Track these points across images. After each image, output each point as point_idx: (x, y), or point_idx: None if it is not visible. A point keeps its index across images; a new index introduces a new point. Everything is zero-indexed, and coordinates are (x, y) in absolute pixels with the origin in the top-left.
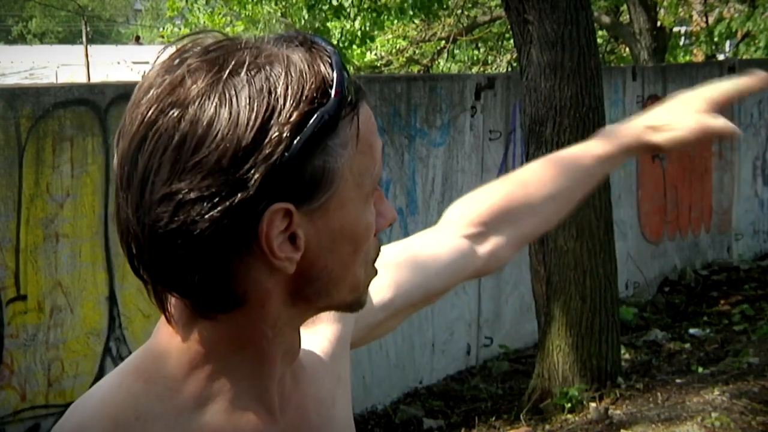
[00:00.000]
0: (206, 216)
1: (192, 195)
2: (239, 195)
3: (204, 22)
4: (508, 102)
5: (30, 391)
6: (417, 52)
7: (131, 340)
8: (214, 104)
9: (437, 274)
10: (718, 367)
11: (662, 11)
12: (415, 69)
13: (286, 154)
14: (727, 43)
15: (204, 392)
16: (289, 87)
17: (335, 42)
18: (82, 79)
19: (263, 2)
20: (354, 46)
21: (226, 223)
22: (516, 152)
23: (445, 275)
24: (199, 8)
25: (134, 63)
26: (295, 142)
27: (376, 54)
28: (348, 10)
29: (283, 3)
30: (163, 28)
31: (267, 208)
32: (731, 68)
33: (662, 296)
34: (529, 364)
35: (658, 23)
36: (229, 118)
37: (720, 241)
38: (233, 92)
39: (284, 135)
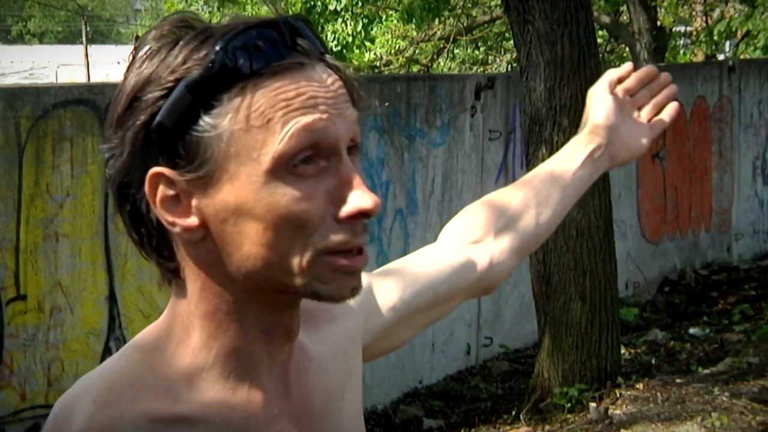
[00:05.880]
0: (112, 171)
1: (105, 151)
2: (125, 153)
3: None
4: (508, 102)
5: (30, 391)
6: (417, 52)
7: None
8: (129, 73)
9: (441, 277)
10: (718, 367)
11: (662, 11)
12: (415, 69)
13: (155, 118)
14: (727, 43)
15: (192, 366)
16: (175, 57)
17: (331, 44)
18: (82, 79)
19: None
20: (351, 51)
21: (126, 181)
22: (516, 152)
23: (450, 280)
24: (198, 9)
25: None
26: (162, 108)
27: (375, 54)
28: (343, 14)
29: (282, 3)
30: None
31: (148, 170)
32: (731, 68)
33: (662, 296)
34: (529, 364)
35: (658, 23)
36: (124, 84)
37: (720, 241)
38: (137, 62)
39: (155, 101)
